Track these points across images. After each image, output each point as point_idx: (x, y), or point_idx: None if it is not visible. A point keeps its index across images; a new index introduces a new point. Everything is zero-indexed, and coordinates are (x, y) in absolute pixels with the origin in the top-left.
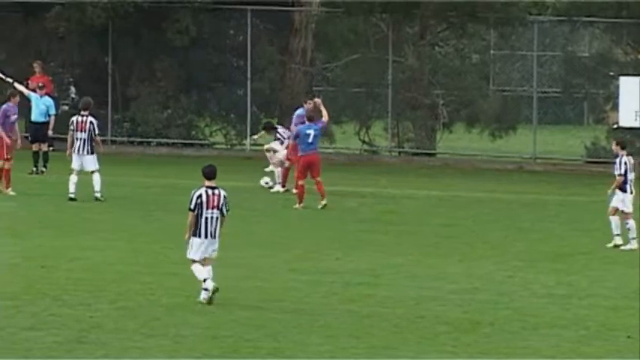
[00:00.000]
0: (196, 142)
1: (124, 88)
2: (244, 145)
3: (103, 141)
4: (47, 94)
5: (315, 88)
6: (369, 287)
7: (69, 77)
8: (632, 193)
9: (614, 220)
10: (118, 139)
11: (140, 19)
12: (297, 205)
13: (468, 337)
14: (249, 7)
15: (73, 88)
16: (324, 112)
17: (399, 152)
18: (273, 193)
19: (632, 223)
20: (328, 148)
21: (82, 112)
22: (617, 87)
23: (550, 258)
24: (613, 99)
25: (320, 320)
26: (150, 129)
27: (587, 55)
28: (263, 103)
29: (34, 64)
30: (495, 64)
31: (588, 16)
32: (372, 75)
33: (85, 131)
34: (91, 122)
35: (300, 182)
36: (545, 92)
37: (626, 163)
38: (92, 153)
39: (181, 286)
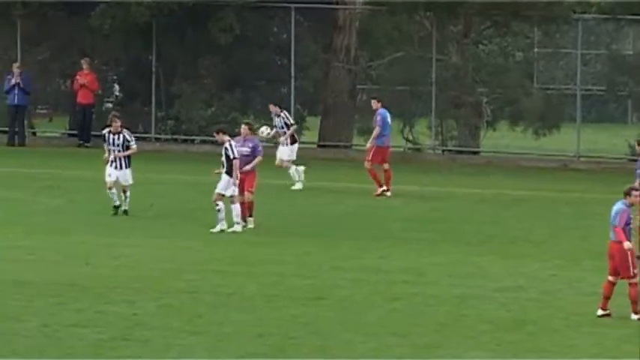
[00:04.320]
0: None
1: (167, 85)
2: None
3: (148, 139)
4: (93, 91)
5: (358, 87)
6: (413, 285)
7: (113, 75)
8: (237, 177)
9: (221, 206)
10: (162, 136)
11: (184, 17)
12: None
13: (511, 335)
14: (293, 5)
15: (117, 86)
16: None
17: (443, 150)
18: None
19: (221, 205)
20: None
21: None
22: None
23: (594, 256)
24: None
25: (364, 318)
26: (193, 127)
27: (631, 53)
28: (306, 101)
29: (82, 61)
30: (539, 62)
31: (633, 15)
32: (415, 73)
33: None
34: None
35: None
36: (589, 90)
37: (231, 145)
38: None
39: (225, 284)
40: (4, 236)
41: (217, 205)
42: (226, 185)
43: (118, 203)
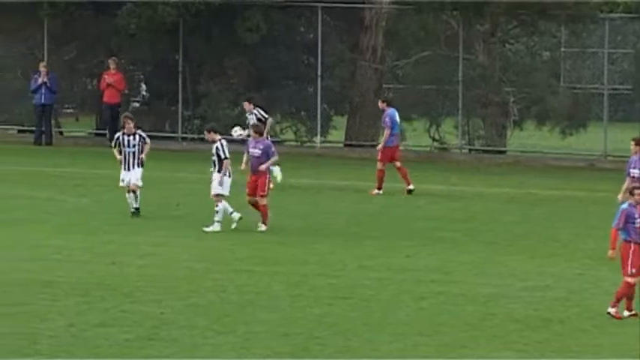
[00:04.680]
0: None
1: (194, 85)
2: (314, 142)
3: (174, 138)
4: (120, 90)
5: (385, 86)
6: (440, 285)
7: (140, 74)
8: (230, 176)
9: (220, 207)
10: (189, 136)
11: (211, 17)
12: None
13: (538, 334)
14: (319, 5)
15: (143, 85)
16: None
17: (470, 150)
18: None
19: (221, 205)
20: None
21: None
22: None
23: None
24: None
25: (390, 318)
26: (220, 126)
27: None
28: (333, 101)
29: (109, 60)
30: (566, 61)
31: None
32: (442, 72)
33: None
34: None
35: None
36: (616, 89)
37: (222, 145)
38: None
39: (252, 283)
40: (31, 235)
41: (217, 206)
42: (219, 183)
43: (137, 206)
